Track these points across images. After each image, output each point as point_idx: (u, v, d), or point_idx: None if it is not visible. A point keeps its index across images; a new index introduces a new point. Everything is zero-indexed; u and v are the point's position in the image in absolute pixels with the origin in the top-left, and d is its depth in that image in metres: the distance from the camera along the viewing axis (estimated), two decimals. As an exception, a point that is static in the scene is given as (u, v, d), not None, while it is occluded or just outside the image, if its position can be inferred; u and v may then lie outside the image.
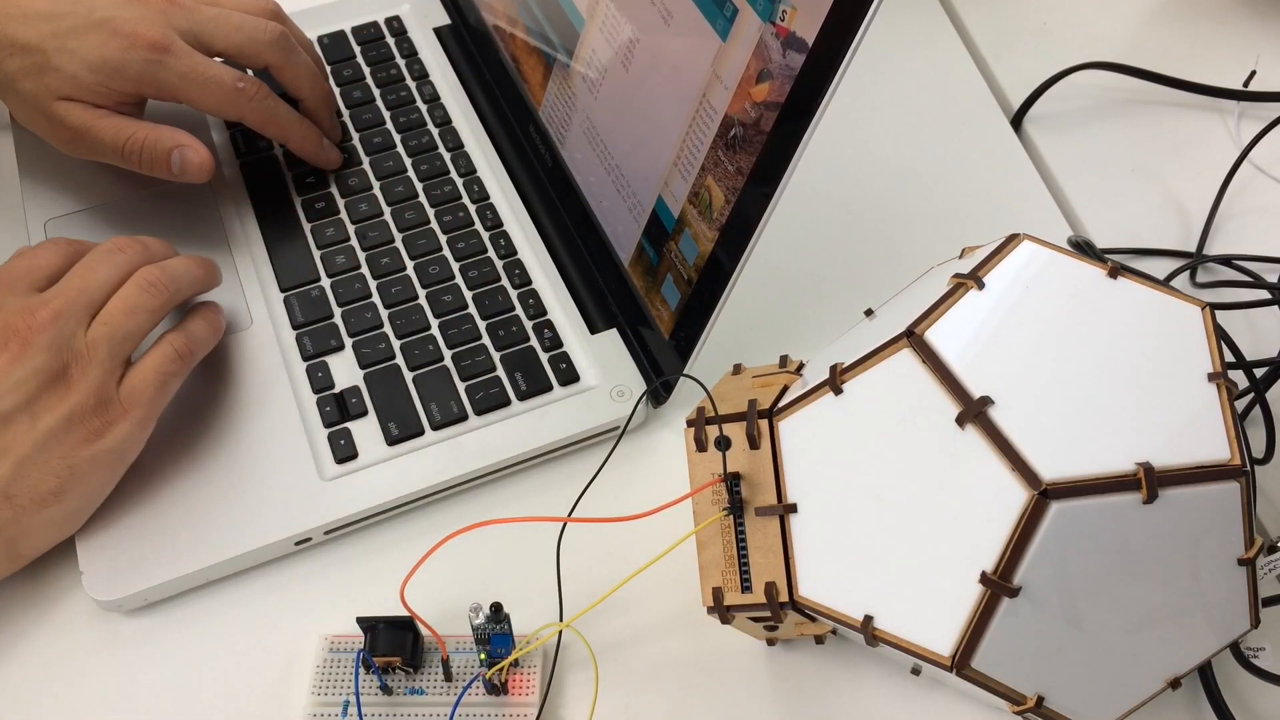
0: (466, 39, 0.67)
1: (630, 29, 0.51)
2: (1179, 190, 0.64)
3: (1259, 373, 0.52)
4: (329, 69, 0.64)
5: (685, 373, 0.49)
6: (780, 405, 0.42)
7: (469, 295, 0.56)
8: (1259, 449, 0.51)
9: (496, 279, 0.56)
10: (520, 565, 0.48)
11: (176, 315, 0.51)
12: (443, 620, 0.46)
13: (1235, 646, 0.45)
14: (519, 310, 0.55)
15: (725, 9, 0.44)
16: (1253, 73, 0.69)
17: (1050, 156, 0.66)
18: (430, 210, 0.59)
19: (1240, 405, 0.52)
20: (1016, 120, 0.67)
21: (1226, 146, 0.66)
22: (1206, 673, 0.46)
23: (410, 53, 0.66)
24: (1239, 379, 0.51)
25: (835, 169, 0.63)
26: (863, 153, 0.65)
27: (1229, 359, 0.50)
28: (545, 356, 0.54)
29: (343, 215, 0.59)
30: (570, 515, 0.45)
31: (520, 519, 0.45)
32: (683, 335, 0.50)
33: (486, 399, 0.52)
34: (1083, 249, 0.56)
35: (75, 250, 0.50)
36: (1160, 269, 0.60)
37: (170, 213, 0.58)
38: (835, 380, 0.40)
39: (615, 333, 0.55)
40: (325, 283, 0.56)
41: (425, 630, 0.45)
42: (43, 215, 0.58)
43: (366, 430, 0.51)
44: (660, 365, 0.53)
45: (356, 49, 0.66)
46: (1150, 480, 0.36)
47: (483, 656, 0.44)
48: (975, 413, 0.37)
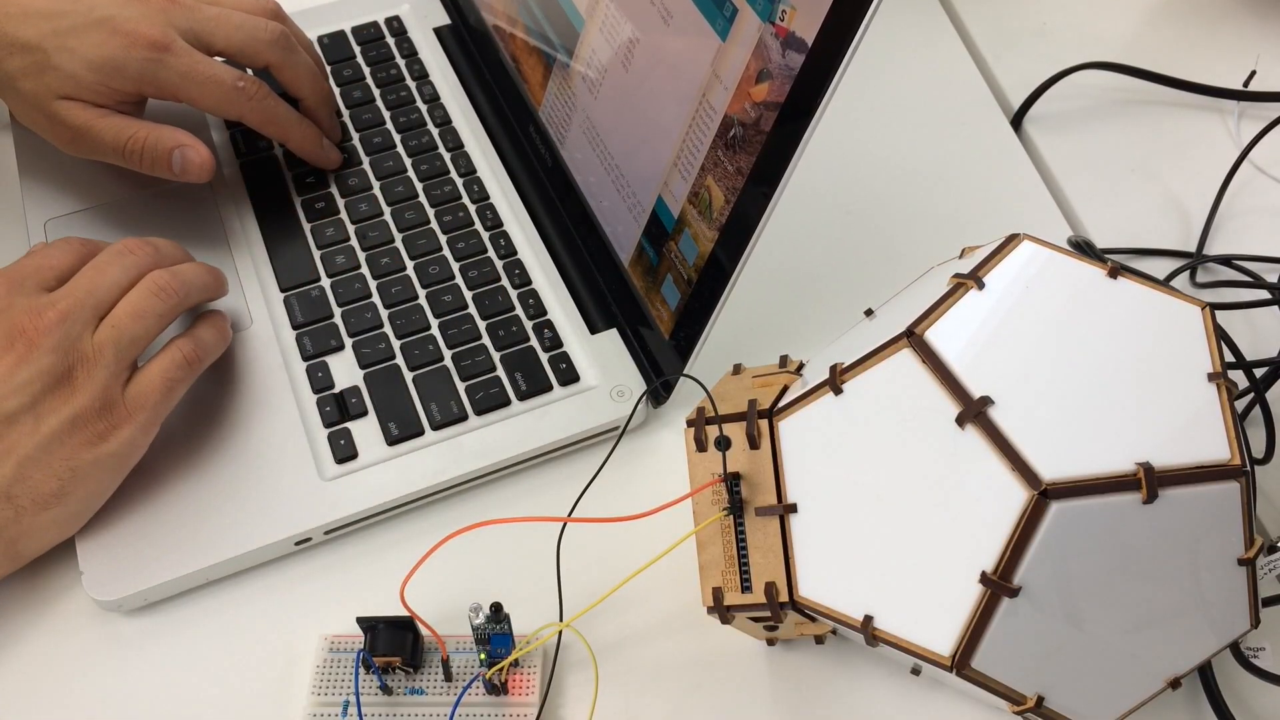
0: (466, 39, 0.67)
1: (630, 29, 0.51)
2: (1179, 190, 0.64)
3: (1259, 373, 0.52)
4: (329, 69, 0.64)
5: (685, 373, 0.49)
6: (780, 405, 0.42)
7: (469, 295, 0.56)
8: (1259, 449, 0.51)
9: (496, 279, 0.56)
10: (520, 565, 0.48)
11: (183, 320, 0.51)
12: (443, 620, 0.46)
13: (1235, 646, 0.45)
14: (519, 310, 0.55)
15: (725, 9, 0.44)
16: (1253, 73, 0.68)
17: (1050, 156, 0.66)
18: (430, 210, 0.59)
19: (1240, 405, 0.52)
20: (1016, 120, 0.67)
21: (1226, 146, 0.66)
22: (1206, 673, 0.46)
23: (410, 53, 0.66)
24: (1239, 379, 0.51)
25: (835, 169, 0.63)
26: (863, 153, 0.64)
27: (1229, 359, 0.50)
28: (545, 356, 0.54)
29: (343, 215, 0.59)
30: (570, 515, 0.45)
31: (520, 519, 0.45)
32: (683, 335, 0.50)
33: (486, 399, 0.52)
34: (1083, 249, 0.56)
35: (87, 250, 0.50)
36: (1160, 269, 0.60)
37: (170, 212, 0.58)
38: (835, 380, 0.40)
39: (615, 333, 0.55)
40: (325, 283, 0.56)
41: (425, 630, 0.45)
42: (43, 215, 0.58)
43: (366, 430, 0.51)
44: (660, 365, 0.53)
45: (356, 49, 0.66)
46: (1150, 480, 0.36)
47: (483, 656, 0.44)
48: (975, 413, 0.37)
